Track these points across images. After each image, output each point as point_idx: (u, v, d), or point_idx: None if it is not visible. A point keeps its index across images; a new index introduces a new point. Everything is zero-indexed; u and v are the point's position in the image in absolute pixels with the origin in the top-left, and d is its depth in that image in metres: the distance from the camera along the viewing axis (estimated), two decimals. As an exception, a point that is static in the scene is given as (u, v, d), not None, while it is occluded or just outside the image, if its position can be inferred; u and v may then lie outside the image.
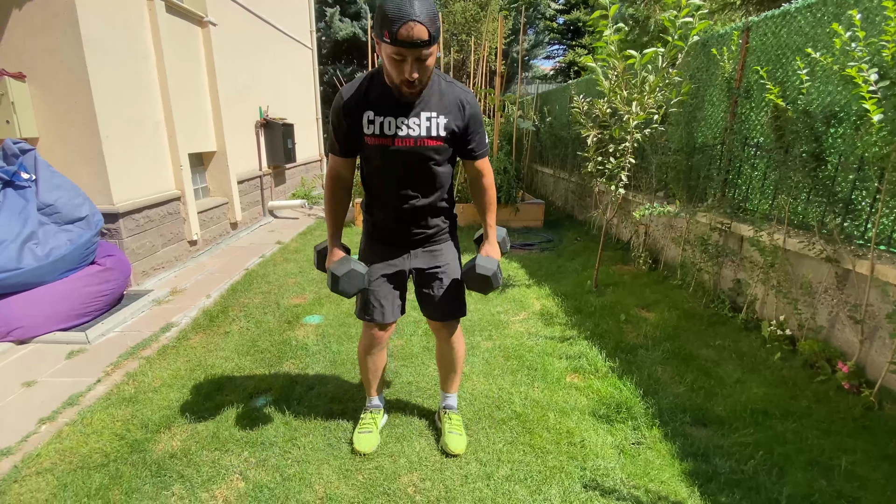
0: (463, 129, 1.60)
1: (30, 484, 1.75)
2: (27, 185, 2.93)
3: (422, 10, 1.30)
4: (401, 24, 1.29)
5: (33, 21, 3.12)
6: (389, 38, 1.32)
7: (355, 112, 1.54)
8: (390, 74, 1.43)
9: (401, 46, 1.32)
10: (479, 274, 1.68)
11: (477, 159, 1.70)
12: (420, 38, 1.31)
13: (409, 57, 1.35)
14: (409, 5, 1.29)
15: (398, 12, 1.29)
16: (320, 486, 1.75)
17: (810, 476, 1.81)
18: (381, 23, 1.33)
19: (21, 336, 2.76)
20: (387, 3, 1.31)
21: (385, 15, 1.31)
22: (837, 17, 2.74)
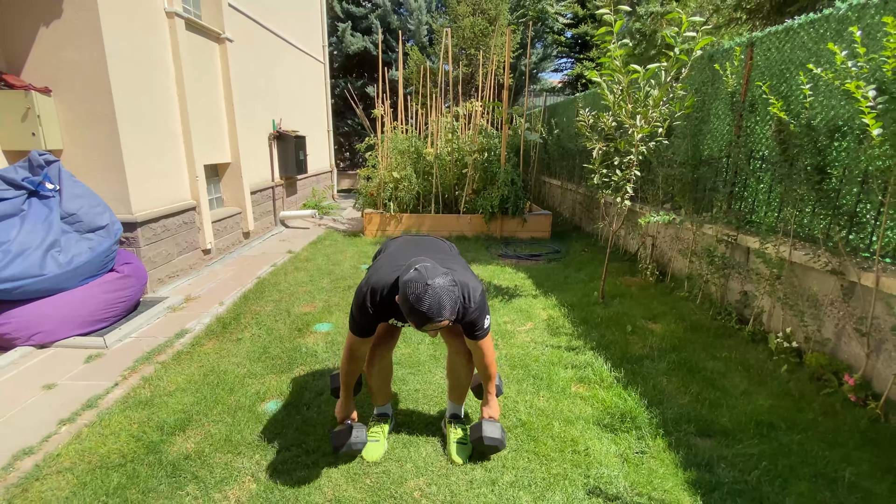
0: (468, 324, 1.74)
1: (51, 482, 1.82)
2: (51, 194, 3.05)
3: (443, 312, 1.45)
4: (423, 323, 1.47)
5: (59, 37, 3.28)
6: (415, 326, 1.50)
7: (381, 316, 1.72)
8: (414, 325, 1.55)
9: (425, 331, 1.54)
10: (487, 443, 1.88)
11: (478, 340, 1.81)
12: (441, 328, 1.52)
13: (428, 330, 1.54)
14: (434, 313, 1.43)
15: (422, 319, 1.45)
16: (329, 489, 1.79)
17: (814, 487, 1.82)
18: (409, 311, 1.46)
19: (42, 340, 2.86)
20: (412, 300, 1.43)
21: (410, 313, 1.46)
22: (840, 32, 2.78)
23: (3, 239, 2.73)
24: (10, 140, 3.25)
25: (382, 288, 1.67)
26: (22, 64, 3.31)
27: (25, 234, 2.81)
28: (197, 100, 4.39)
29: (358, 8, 12.59)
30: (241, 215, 5.47)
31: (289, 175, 6.96)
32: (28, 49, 3.28)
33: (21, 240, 2.78)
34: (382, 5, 12.22)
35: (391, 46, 12.22)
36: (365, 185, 6.74)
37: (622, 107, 3.51)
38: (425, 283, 1.43)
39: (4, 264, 2.65)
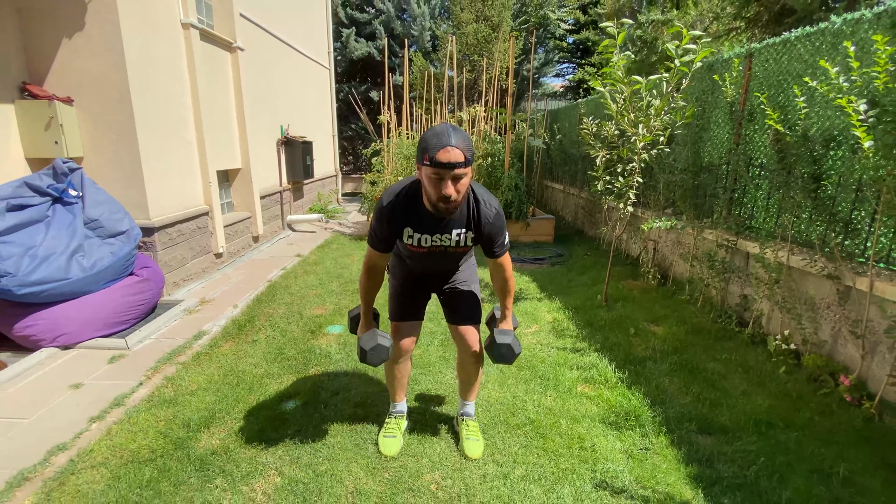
0: (487, 238, 1.81)
1: (86, 476, 1.92)
2: (74, 201, 3.16)
3: (457, 140, 1.54)
4: (439, 149, 1.52)
5: (81, 49, 3.40)
6: (429, 161, 1.54)
7: (396, 225, 1.77)
8: (429, 193, 1.64)
9: (439, 168, 1.53)
10: (499, 344, 1.89)
11: (498, 258, 1.89)
12: (456, 161, 1.53)
13: (446, 176, 1.55)
14: (447, 136, 1.53)
15: (437, 141, 1.53)
16: (350, 482, 1.90)
17: (810, 483, 1.91)
18: (422, 150, 1.57)
19: (66, 342, 2.96)
20: (427, 134, 1.58)
21: (426, 142, 1.56)
22: (835, 46, 2.89)
23: (31, 244, 2.84)
24: (33, 148, 3.37)
25: (399, 187, 1.76)
26: (45, 74, 3.43)
27: (51, 240, 2.92)
28: (210, 108, 4.51)
29: (362, 14, 12.74)
30: (251, 219, 5.58)
31: (296, 179, 7.08)
32: (51, 60, 3.40)
33: (47, 245, 2.89)
34: (386, 11, 12.37)
35: (394, 52, 12.37)
36: (371, 189, 6.85)
37: (625, 116, 3.62)
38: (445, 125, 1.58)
39: (32, 268, 2.76)
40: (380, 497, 1.82)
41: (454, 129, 1.56)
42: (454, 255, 1.89)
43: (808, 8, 4.17)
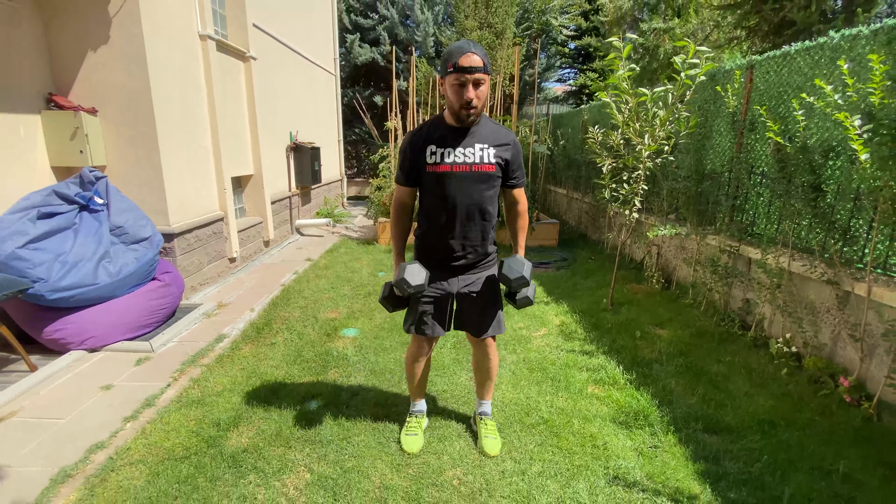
0: (508, 161, 1.92)
1: (125, 473, 2.03)
2: (100, 209, 3.27)
3: (476, 47, 1.74)
4: (461, 55, 1.70)
5: (106, 61, 3.51)
6: (453, 67, 1.72)
7: (420, 146, 1.87)
8: (452, 102, 1.78)
9: (462, 72, 1.70)
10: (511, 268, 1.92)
11: (516, 188, 2.01)
12: (476, 65, 1.70)
13: (468, 82, 1.71)
14: (467, 44, 1.73)
15: (459, 49, 1.72)
16: (376, 477, 2.00)
17: (811, 479, 2.02)
18: (445, 60, 1.76)
19: (93, 345, 3.07)
20: (450, 47, 1.77)
21: (449, 52, 1.74)
22: (833, 60, 3.01)
23: (61, 250, 2.95)
24: (59, 157, 3.48)
25: (424, 121, 1.94)
26: (70, 86, 3.55)
27: (79, 246, 3.03)
28: (225, 116, 4.63)
29: (366, 20, 12.89)
30: (262, 225, 5.70)
31: (304, 185, 7.19)
32: (76, 72, 3.52)
33: (76, 251, 3.00)
34: (390, 17, 12.51)
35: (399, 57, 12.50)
36: (378, 194, 6.97)
37: (630, 125, 3.74)
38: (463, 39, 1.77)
39: (63, 274, 2.87)
40: (406, 492, 1.93)
41: (473, 42, 1.74)
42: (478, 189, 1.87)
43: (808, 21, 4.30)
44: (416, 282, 1.88)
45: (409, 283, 1.87)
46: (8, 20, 3.18)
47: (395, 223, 2.03)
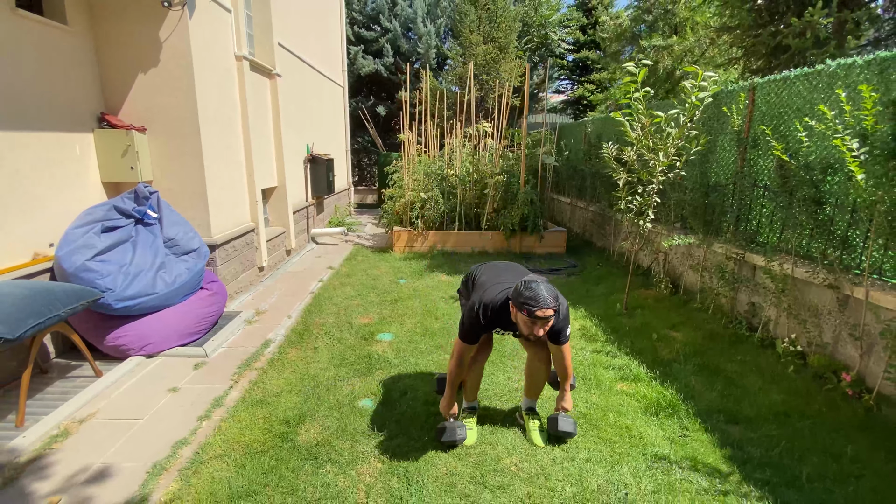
0: (554, 331, 2.22)
1: (214, 465, 2.23)
2: (153, 222, 3.47)
3: (550, 297, 1.98)
4: (538, 308, 1.96)
5: (155, 83, 3.72)
6: (528, 315, 1.97)
7: (490, 328, 2.26)
8: (520, 328, 2.09)
9: (535, 319, 1.98)
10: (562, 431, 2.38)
11: (561, 345, 2.31)
12: (548, 316, 1.98)
13: (539, 324, 2.01)
14: (545, 298, 1.97)
15: (537, 301, 1.96)
16: (442, 465, 2.23)
17: (823, 460, 2.30)
18: (522, 303, 1.99)
19: (151, 351, 3.26)
20: (527, 290, 1.99)
21: (528, 299, 1.97)
22: (830, 86, 3.33)
23: (123, 262, 3.15)
24: (110, 173, 3.67)
25: (494, 303, 2.15)
26: (120, 105, 3.75)
27: (139, 258, 3.23)
28: (255, 130, 4.85)
29: (369, 32, 13.19)
30: (285, 234, 5.90)
31: (319, 195, 7.41)
32: (126, 93, 3.72)
33: (137, 262, 3.19)
34: (393, 30, 12.82)
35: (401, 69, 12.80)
36: (390, 204, 7.20)
37: (643, 143, 4.04)
38: (538, 283, 2.01)
39: (127, 284, 3.06)
40: (471, 477, 2.16)
41: (546, 288, 1.99)
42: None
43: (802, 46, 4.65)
44: (460, 440, 2.34)
45: (455, 442, 2.34)
46: (64, 44, 3.38)
47: (455, 370, 2.33)
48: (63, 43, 3.36)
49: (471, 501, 2.02)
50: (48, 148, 3.21)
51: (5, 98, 2.90)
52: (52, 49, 3.26)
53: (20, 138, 3.00)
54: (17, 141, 2.98)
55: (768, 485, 2.12)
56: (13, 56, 2.95)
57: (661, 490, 2.09)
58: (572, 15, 13.20)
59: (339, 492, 2.08)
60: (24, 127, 3.03)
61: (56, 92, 3.29)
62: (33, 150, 3.09)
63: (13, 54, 2.95)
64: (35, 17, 3.11)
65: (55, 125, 3.28)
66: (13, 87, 2.95)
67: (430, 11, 12.99)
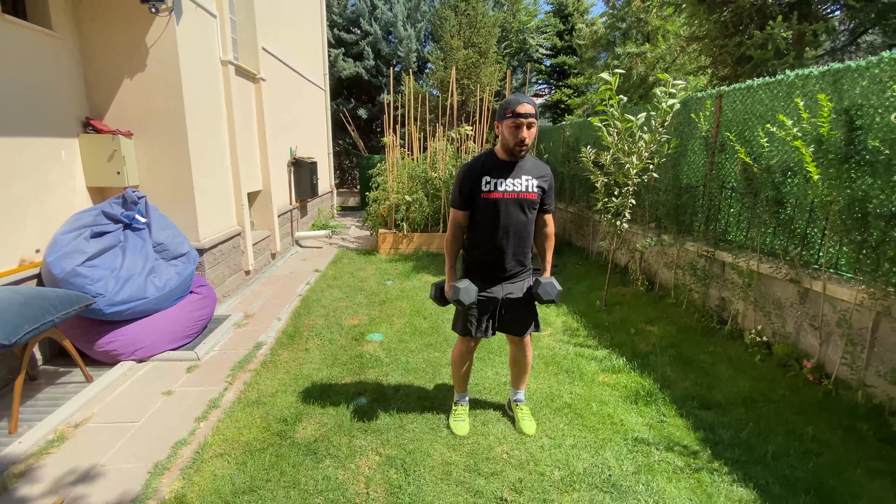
0: (545, 189, 2.34)
1: (215, 463, 2.29)
2: (142, 227, 3.48)
3: (528, 99, 2.17)
4: (518, 104, 2.13)
5: (142, 88, 3.73)
6: (511, 113, 2.13)
7: (477, 174, 2.27)
8: (507, 141, 2.20)
9: (518, 117, 2.12)
10: (546, 291, 2.36)
11: (547, 213, 2.43)
12: (529, 112, 2.14)
13: (523, 124, 2.13)
14: (522, 96, 2.17)
15: (516, 100, 2.15)
16: (437, 456, 2.35)
17: (787, 440, 2.51)
18: (504, 107, 2.16)
19: (143, 355, 3.27)
20: (508, 98, 2.20)
21: (508, 102, 2.17)
22: (789, 94, 3.59)
23: (113, 266, 3.15)
24: (96, 178, 3.66)
25: (476, 156, 2.35)
26: (106, 110, 3.74)
27: (129, 262, 3.24)
28: (241, 134, 4.87)
29: (349, 34, 13.21)
30: (269, 238, 5.91)
31: (302, 198, 7.42)
32: (112, 98, 3.72)
33: (127, 267, 3.20)
34: (373, 33, 12.88)
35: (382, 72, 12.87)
36: (375, 206, 7.27)
37: (619, 147, 4.25)
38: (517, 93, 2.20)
39: (118, 289, 3.08)
40: (466, 465, 2.28)
41: (525, 94, 2.21)
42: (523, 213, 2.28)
43: (764, 56, 4.96)
44: (469, 300, 2.29)
45: (464, 302, 2.27)
46: (48, 49, 3.37)
47: (452, 241, 2.40)
48: (47, 48, 3.35)
49: (466, 488, 2.14)
50: (32, 153, 3.19)
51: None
52: (37, 54, 3.25)
53: (3, 143, 2.98)
54: (0, 146, 2.96)
55: (737, 463, 2.31)
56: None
57: (641, 471, 2.26)
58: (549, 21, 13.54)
59: (340, 484, 2.17)
60: (8, 132, 3.01)
61: (40, 97, 3.27)
62: (17, 155, 3.07)
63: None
64: (19, 21, 3.10)
65: (39, 130, 3.26)
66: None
67: (410, 15, 13.10)
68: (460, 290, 2.27)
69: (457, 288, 2.28)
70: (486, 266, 2.40)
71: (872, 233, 2.77)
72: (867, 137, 2.84)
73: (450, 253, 2.41)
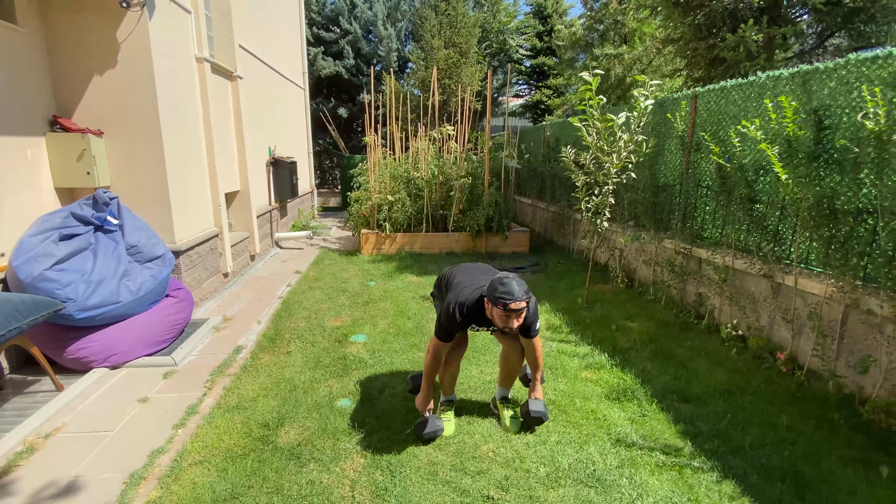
0: (525, 326, 2.35)
1: (195, 471, 2.23)
2: (114, 229, 3.37)
3: (521, 292, 2.16)
4: (512, 301, 2.13)
5: (113, 85, 3.61)
6: (503, 308, 2.14)
7: (465, 325, 2.39)
8: (495, 322, 2.24)
9: (510, 312, 2.14)
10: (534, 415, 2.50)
11: (532, 338, 2.47)
12: (521, 308, 2.16)
13: (513, 315, 2.17)
14: (515, 288, 2.15)
15: (511, 295, 2.14)
16: (424, 456, 2.34)
17: (763, 430, 2.58)
18: (497, 297, 2.16)
19: (116, 361, 3.16)
20: (500, 286, 2.17)
21: (502, 295, 2.15)
22: (761, 95, 3.69)
23: (84, 270, 3.04)
24: (64, 178, 3.52)
25: (469, 301, 2.30)
26: (74, 108, 3.60)
27: (101, 266, 3.13)
28: (217, 133, 4.75)
29: (328, 33, 13.06)
30: (249, 239, 5.80)
31: (282, 198, 7.31)
32: (80, 95, 3.58)
33: (98, 271, 3.09)
34: (353, 31, 12.76)
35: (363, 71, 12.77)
36: (357, 206, 7.21)
37: (599, 147, 4.31)
38: (510, 279, 2.19)
39: (89, 293, 2.97)
40: (452, 464, 2.28)
41: (516, 282, 2.18)
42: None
43: (736, 58, 5.11)
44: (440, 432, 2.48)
45: (435, 435, 2.46)
46: (13, 45, 3.23)
47: (432, 366, 2.46)
48: (12, 43, 3.20)
49: (453, 487, 2.14)
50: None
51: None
52: (1, 50, 3.10)
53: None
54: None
55: (716, 454, 2.37)
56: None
57: (624, 465, 2.29)
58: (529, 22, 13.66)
59: (325, 488, 2.14)
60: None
61: (4, 94, 3.13)
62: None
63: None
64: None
65: (2, 129, 3.12)
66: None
67: (390, 14, 13.03)
68: (426, 427, 2.42)
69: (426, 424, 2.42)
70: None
71: (841, 229, 2.87)
72: (835, 137, 2.95)
73: (428, 378, 2.48)
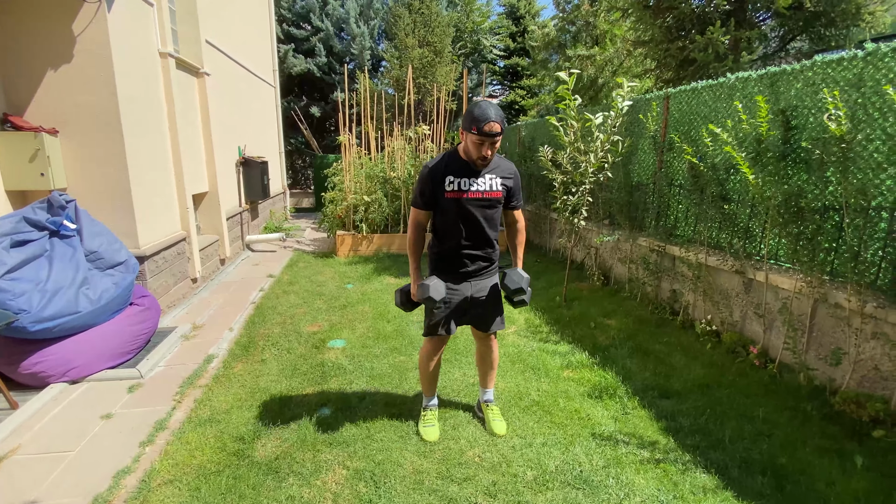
0: (511, 188, 2.32)
1: (164, 491, 2.10)
2: (72, 234, 3.16)
3: (497, 115, 2.07)
4: (484, 123, 2.03)
5: (69, 81, 3.38)
6: (476, 131, 2.05)
7: (440, 175, 2.21)
8: (470, 153, 2.14)
9: (483, 136, 2.04)
10: (512, 280, 2.35)
11: (515, 209, 2.42)
12: (496, 131, 2.06)
13: (486, 142, 2.06)
14: (490, 111, 2.05)
15: (483, 116, 2.04)
16: (408, 464, 2.27)
17: (741, 423, 2.63)
18: (470, 121, 2.07)
19: (76, 376, 2.96)
20: (475, 108, 2.08)
21: (474, 116, 2.06)
22: (731, 96, 3.79)
23: (38, 279, 2.83)
24: (16, 180, 3.28)
25: (437, 157, 2.29)
26: (26, 106, 3.36)
27: (57, 274, 2.92)
28: (183, 132, 4.55)
29: (299, 30, 12.76)
30: (218, 242, 5.58)
31: (253, 199, 7.08)
32: (33, 92, 3.35)
33: (54, 279, 2.89)
34: (325, 29, 12.52)
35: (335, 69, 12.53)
36: (332, 207, 7.05)
37: (576, 146, 4.34)
38: (487, 102, 2.07)
39: (44, 304, 2.76)
40: (438, 472, 2.22)
41: (493, 106, 2.06)
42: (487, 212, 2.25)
43: (705, 59, 5.25)
44: (439, 296, 2.23)
45: (434, 298, 2.21)
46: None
47: (415, 241, 2.34)
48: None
49: (439, 496, 2.09)
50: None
51: None
52: (-63, 41, 2.86)
53: None
54: None
55: (698, 449, 2.40)
56: None
57: (610, 464, 2.29)
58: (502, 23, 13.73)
59: (306, 503, 2.05)
60: None
61: (-57, 89, 2.89)
62: (-83, 155, 2.69)
63: None
64: (-86, 3, 2.72)
65: (-56, 127, 2.88)
66: None
67: (362, 12, 12.85)
68: (429, 287, 2.21)
69: (425, 285, 2.23)
70: (452, 265, 2.35)
71: (808, 226, 2.97)
72: (802, 137, 3.05)
73: (413, 253, 2.35)
